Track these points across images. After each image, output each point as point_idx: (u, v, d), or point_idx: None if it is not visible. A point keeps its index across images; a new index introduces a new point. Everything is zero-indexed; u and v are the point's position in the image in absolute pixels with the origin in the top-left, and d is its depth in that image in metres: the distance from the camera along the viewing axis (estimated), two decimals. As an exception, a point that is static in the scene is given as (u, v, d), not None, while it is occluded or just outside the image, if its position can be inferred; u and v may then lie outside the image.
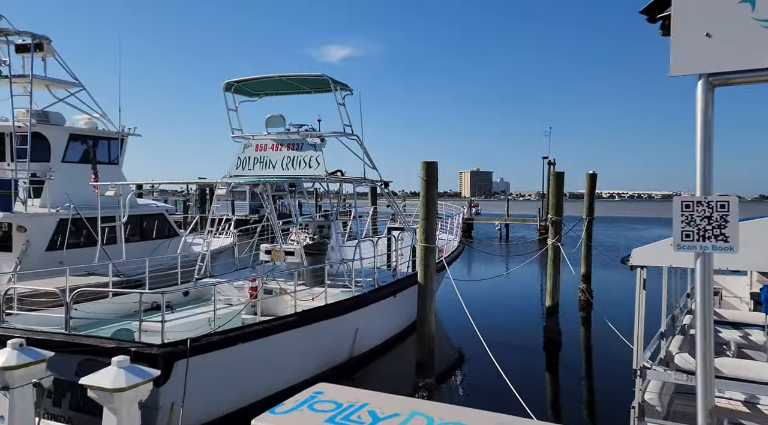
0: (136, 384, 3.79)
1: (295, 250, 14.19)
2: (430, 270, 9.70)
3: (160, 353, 7.96)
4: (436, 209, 9.91)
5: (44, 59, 17.04)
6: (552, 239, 14.34)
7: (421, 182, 9.57)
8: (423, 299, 9.67)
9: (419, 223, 9.86)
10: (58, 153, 16.69)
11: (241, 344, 9.23)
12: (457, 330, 15.32)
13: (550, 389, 11.51)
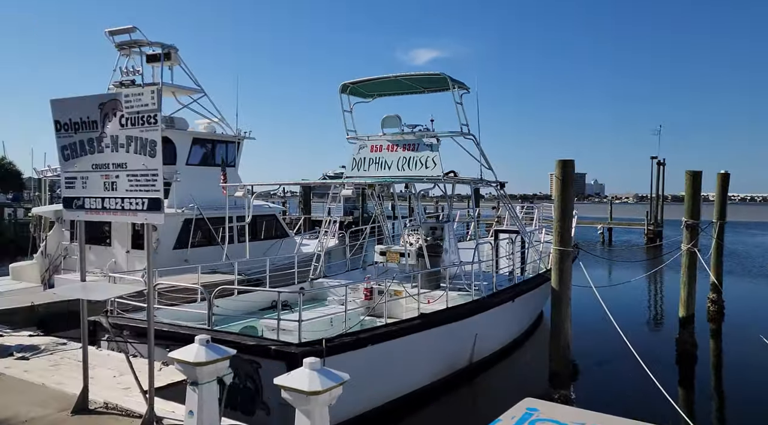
0: (330, 387, 3.69)
1: (410, 252, 14.06)
2: (566, 275, 9.20)
3: (299, 352, 8.02)
4: (572, 210, 9.40)
5: (171, 68, 17.98)
6: (687, 245, 13.30)
7: (556, 181, 9.10)
8: (558, 306, 9.18)
9: (554, 224, 9.38)
10: (182, 156, 17.55)
11: (370, 345, 9.17)
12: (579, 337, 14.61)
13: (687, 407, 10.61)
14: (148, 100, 4.76)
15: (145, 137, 4.83)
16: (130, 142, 4.94)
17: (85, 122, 5.23)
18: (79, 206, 5.42)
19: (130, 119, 4.93)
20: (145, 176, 4.87)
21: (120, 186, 5.08)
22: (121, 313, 10.14)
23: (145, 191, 4.89)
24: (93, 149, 5.23)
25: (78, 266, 17.00)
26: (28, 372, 6.51)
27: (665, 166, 50.35)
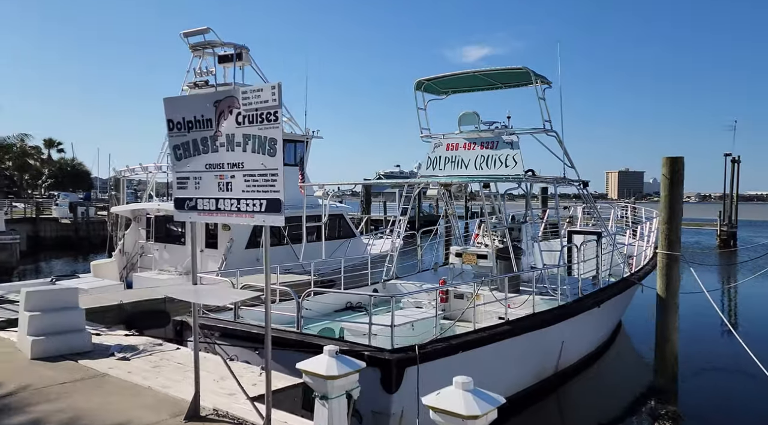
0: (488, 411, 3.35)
1: (489, 253, 13.62)
2: (674, 282, 8.58)
3: (394, 359, 7.74)
4: (680, 211, 8.77)
5: (242, 68, 18.09)
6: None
7: (663, 179, 8.49)
8: (665, 315, 8.57)
9: (660, 227, 8.77)
10: (253, 156, 17.65)
11: (461, 352, 8.81)
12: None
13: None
14: (268, 97, 4.54)
15: (264, 135, 4.62)
16: (248, 140, 4.75)
17: (199, 121, 5.08)
18: (191, 207, 5.27)
19: (247, 117, 4.73)
20: (264, 175, 4.66)
21: (236, 187, 4.89)
22: (206, 313, 10.14)
23: (263, 191, 4.68)
24: (207, 148, 5.07)
25: (154, 264, 17.32)
26: (132, 374, 6.46)
27: (740, 163, 47.78)
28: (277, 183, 4.59)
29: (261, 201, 4.70)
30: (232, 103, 4.82)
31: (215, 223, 16.29)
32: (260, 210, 4.73)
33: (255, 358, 8.80)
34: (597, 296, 12.72)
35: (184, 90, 18.36)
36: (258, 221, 4.75)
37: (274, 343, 8.59)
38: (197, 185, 5.20)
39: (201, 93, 5.06)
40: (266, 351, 5.00)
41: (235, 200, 4.90)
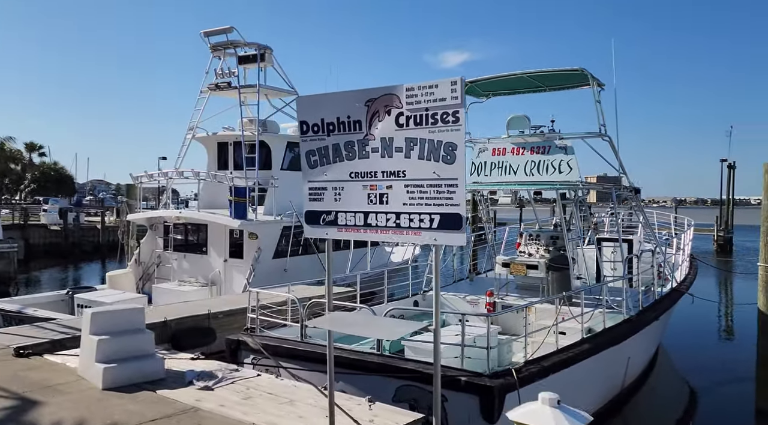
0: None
1: (539, 264, 13.05)
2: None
3: (496, 385, 7.09)
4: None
5: (264, 69, 17.34)
6: None
7: (766, 185, 8.00)
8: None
9: (762, 238, 8.28)
10: (278, 161, 16.89)
11: (552, 374, 8.19)
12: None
13: None
14: (446, 94, 3.89)
15: (438, 140, 3.96)
16: (413, 145, 4.08)
17: (344, 123, 4.41)
18: (329, 222, 4.59)
19: (413, 118, 4.07)
20: (437, 186, 4.00)
21: (394, 199, 4.22)
22: (264, 330, 9.40)
23: (435, 204, 4.01)
24: (353, 153, 4.40)
25: (173, 275, 16.43)
26: (225, 407, 5.73)
27: (735, 168, 48.12)
28: (456, 195, 3.93)
29: (432, 216, 4.04)
30: (391, 101, 4.16)
31: (240, 230, 15.52)
32: (430, 227, 4.06)
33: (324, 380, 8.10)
34: (656, 309, 12.24)
35: (203, 92, 17.56)
36: (426, 239, 4.08)
37: (353, 366, 8.00)
38: (337, 197, 4.52)
39: (350, 91, 4.38)
40: (435, 396, 4.31)
41: (393, 214, 4.23)
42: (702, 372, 12.94)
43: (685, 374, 13.24)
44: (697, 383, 12.27)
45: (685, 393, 11.91)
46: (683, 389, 12.17)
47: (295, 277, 15.19)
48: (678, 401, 11.60)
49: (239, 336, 9.21)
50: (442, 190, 3.98)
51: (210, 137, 17.74)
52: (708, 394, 11.57)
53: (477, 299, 12.98)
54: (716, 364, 13.40)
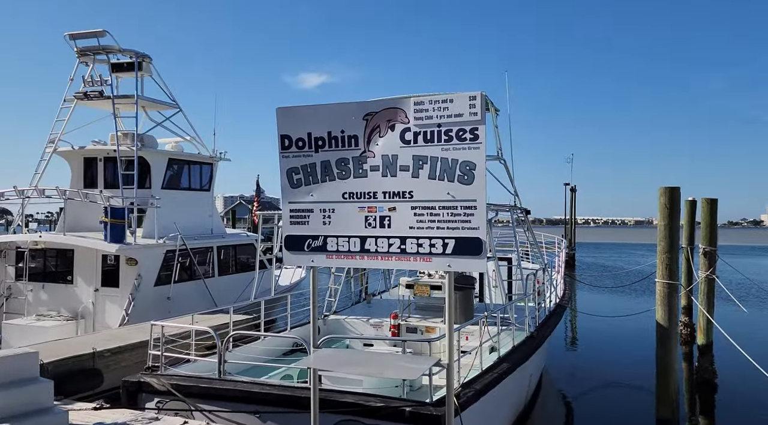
0: None
1: (443, 284, 13.14)
2: (674, 311, 8.78)
3: (442, 414, 6.83)
4: (677, 241, 9.05)
5: (141, 79, 15.92)
6: (706, 271, 13.48)
7: (662, 209, 8.71)
8: (666, 344, 8.70)
9: (659, 256, 8.96)
10: (158, 179, 15.49)
11: (482, 397, 8.14)
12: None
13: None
14: (463, 109, 3.64)
15: (453, 158, 3.69)
16: (422, 164, 3.77)
17: (336, 138, 3.98)
18: (315, 248, 4.09)
19: (423, 134, 3.76)
20: (451, 208, 3.71)
21: (399, 222, 3.86)
22: (169, 368, 8.34)
23: (449, 228, 3.72)
24: (347, 172, 3.98)
25: (27, 308, 14.34)
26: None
27: (576, 191, 53.25)
28: (474, 218, 3.66)
29: (446, 241, 3.73)
30: (395, 116, 3.82)
31: (116, 256, 13.94)
32: (443, 252, 3.75)
33: (251, 422, 7.35)
34: (548, 324, 12.85)
35: (66, 101, 15.70)
36: (439, 266, 3.76)
37: (284, 403, 7.32)
38: (327, 220, 4.05)
39: (343, 103, 3.98)
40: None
41: (398, 238, 3.86)
42: (588, 380, 13.76)
43: (572, 385, 14.00)
44: (586, 392, 13.01)
45: (576, 402, 12.53)
46: (574, 399, 12.81)
47: (181, 306, 13.94)
48: (570, 412, 12.17)
49: (140, 376, 8.09)
50: (458, 212, 3.69)
51: (75, 152, 15.83)
52: (598, 403, 12.28)
53: (380, 321, 12.74)
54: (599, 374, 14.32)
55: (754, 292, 26.73)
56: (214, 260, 16.19)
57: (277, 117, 4.13)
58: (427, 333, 12.27)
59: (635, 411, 10.67)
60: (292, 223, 4.10)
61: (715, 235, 13.73)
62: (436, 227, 3.73)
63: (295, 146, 4.05)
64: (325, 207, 4.00)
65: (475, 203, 3.63)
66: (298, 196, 4.07)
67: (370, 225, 3.90)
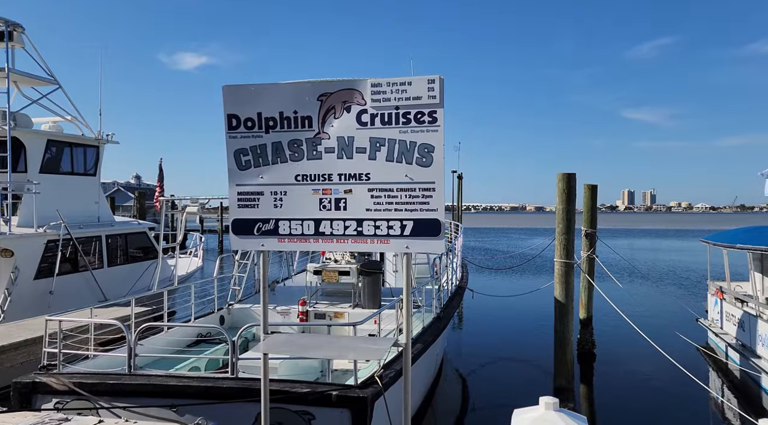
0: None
1: (351, 270, 13.19)
2: (570, 288, 9.47)
3: (369, 395, 6.90)
4: (573, 223, 9.73)
5: (12, 50, 14.35)
6: (587, 252, 14.67)
7: (560, 194, 9.32)
8: (564, 319, 9.38)
9: (557, 238, 9.59)
10: (35, 162, 14.12)
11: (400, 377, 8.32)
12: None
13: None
14: (422, 92, 3.68)
15: (411, 141, 3.73)
16: (379, 146, 3.77)
17: (289, 118, 3.86)
18: (266, 232, 3.96)
19: (380, 116, 3.76)
20: (409, 190, 3.76)
21: (355, 204, 3.84)
22: (67, 365, 7.69)
23: (407, 209, 3.77)
24: (300, 154, 3.88)
25: None
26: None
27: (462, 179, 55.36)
28: (433, 200, 3.73)
29: (404, 223, 3.77)
30: (351, 97, 3.79)
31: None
32: (401, 234, 3.78)
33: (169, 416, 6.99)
34: (451, 306, 13.39)
35: None
36: (396, 248, 3.79)
37: (204, 395, 7.02)
38: (278, 203, 3.93)
39: (298, 82, 3.88)
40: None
41: (354, 221, 3.84)
42: (484, 356, 14.52)
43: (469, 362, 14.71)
44: (483, 367, 13.74)
45: (474, 376, 13.19)
46: (472, 373, 13.47)
47: (64, 301, 12.90)
48: (470, 386, 12.79)
49: (34, 376, 7.39)
50: (416, 194, 3.73)
51: (-68, 130, 14.01)
52: (496, 376, 13.00)
53: (288, 309, 12.61)
54: (494, 350, 15.14)
55: (628, 270, 29.53)
56: (103, 250, 15.10)
57: (224, 95, 3.93)
58: (336, 318, 12.31)
59: (532, 381, 11.43)
60: (240, 206, 3.93)
61: (596, 218, 14.92)
62: (394, 209, 3.75)
63: (243, 126, 3.88)
64: (276, 190, 3.88)
65: (433, 185, 3.69)
66: (246, 178, 3.91)
67: (324, 208, 3.84)
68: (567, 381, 9.39)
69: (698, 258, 41.92)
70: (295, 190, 3.89)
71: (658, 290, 25.70)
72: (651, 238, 73.83)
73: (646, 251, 48.42)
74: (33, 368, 8.75)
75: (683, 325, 16.05)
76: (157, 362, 9.13)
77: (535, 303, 19.68)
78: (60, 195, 14.30)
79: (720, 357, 13.77)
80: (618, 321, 17.87)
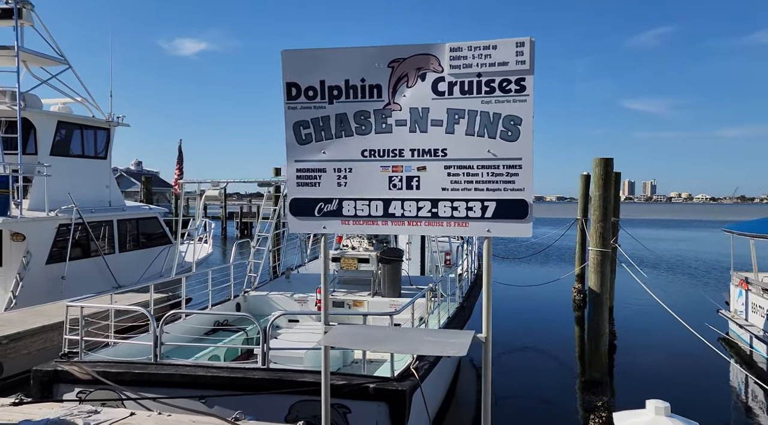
0: None
1: (370, 257, 12.84)
2: (606, 278, 9.12)
3: (407, 388, 6.56)
4: (611, 210, 9.34)
5: (21, 29, 13.90)
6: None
7: (596, 180, 8.94)
8: (599, 309, 9.03)
9: (593, 225, 9.22)
10: (46, 144, 13.73)
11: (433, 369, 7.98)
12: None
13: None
14: (508, 57, 3.28)
15: (495, 112, 3.34)
16: (458, 118, 3.39)
17: (356, 87, 3.47)
18: (328, 213, 3.58)
19: (458, 85, 3.37)
20: (491, 167, 3.37)
21: (429, 183, 3.46)
22: (88, 353, 7.37)
23: (489, 189, 3.39)
24: (368, 127, 3.50)
25: None
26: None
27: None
28: (519, 178, 3.35)
29: (485, 203, 3.39)
30: (427, 63, 3.39)
31: (0, 230, 12.24)
32: (482, 216, 3.41)
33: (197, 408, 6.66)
34: (473, 295, 13.05)
35: None
36: (477, 231, 3.42)
37: (234, 386, 6.69)
38: (343, 180, 3.56)
39: (365, 47, 3.48)
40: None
41: (428, 201, 3.47)
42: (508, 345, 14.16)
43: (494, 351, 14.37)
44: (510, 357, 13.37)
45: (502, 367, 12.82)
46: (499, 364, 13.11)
47: (77, 286, 12.57)
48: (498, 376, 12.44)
49: (55, 364, 7.06)
50: (500, 172, 3.35)
51: (-62, 110, 13.63)
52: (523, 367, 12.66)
53: (305, 297, 12.27)
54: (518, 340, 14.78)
55: (637, 259, 29.03)
56: (115, 235, 14.75)
57: (283, 61, 3.53)
58: (355, 306, 11.97)
59: (557, 373, 11.10)
60: (300, 184, 3.56)
61: (618, 207, 14.51)
62: (474, 189, 3.37)
63: (304, 95, 3.49)
64: (340, 166, 3.50)
65: (520, 161, 3.31)
66: (306, 153, 3.53)
67: (395, 187, 3.46)
68: (601, 374, 9.07)
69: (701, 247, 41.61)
70: (362, 167, 3.52)
71: (674, 280, 25.33)
72: (655, 228, 73.32)
73: (649, 241, 48.04)
74: (50, 355, 8.44)
75: (704, 316, 15.69)
76: (175, 350, 8.81)
77: (554, 293, 19.37)
78: (70, 178, 13.92)
79: (743, 348, 13.46)
80: (633, 310, 17.65)
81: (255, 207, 54.11)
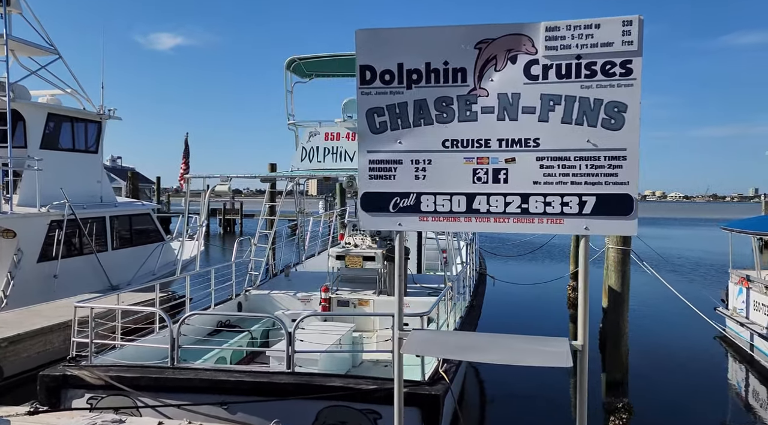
0: None
1: (376, 255, 12.49)
2: (627, 277, 8.91)
3: (441, 393, 6.26)
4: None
5: (9, 16, 13.27)
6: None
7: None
8: (619, 308, 8.82)
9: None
10: (36, 137, 13.14)
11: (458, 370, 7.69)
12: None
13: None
14: (614, 37, 2.97)
15: (597, 98, 3.03)
16: (554, 104, 3.07)
17: (437, 70, 3.13)
18: (405, 209, 3.24)
19: (555, 68, 3.05)
20: (591, 159, 3.07)
21: (519, 176, 3.14)
22: (97, 356, 6.93)
23: (588, 183, 3.08)
24: (449, 114, 3.16)
25: None
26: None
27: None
28: (623, 171, 3.04)
29: (583, 198, 3.08)
30: (519, 44, 3.07)
31: None
32: (579, 212, 3.10)
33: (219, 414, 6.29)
34: (479, 293, 12.83)
35: None
36: (573, 230, 3.11)
37: (259, 391, 6.32)
38: (420, 174, 3.22)
39: (446, 26, 3.14)
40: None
41: (518, 196, 3.14)
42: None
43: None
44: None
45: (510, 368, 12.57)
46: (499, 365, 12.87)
47: (69, 285, 12.06)
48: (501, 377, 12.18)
49: (64, 368, 6.62)
50: (601, 164, 3.04)
51: None
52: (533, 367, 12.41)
53: (309, 295, 11.90)
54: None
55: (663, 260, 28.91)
56: (108, 232, 14.21)
57: (357, 42, 3.18)
58: (360, 306, 11.63)
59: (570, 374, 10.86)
60: (372, 177, 3.21)
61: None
62: (570, 183, 3.06)
63: (379, 79, 3.14)
64: (418, 158, 3.17)
65: (624, 152, 3.01)
66: (380, 143, 3.18)
67: (479, 180, 3.13)
68: (621, 375, 8.86)
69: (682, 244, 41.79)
70: (443, 158, 3.18)
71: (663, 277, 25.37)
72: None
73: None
74: (51, 358, 7.99)
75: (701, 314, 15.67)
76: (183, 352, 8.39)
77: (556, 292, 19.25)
78: (61, 173, 13.36)
79: (743, 347, 13.39)
80: (632, 309, 17.41)
81: (238, 204, 53.35)
